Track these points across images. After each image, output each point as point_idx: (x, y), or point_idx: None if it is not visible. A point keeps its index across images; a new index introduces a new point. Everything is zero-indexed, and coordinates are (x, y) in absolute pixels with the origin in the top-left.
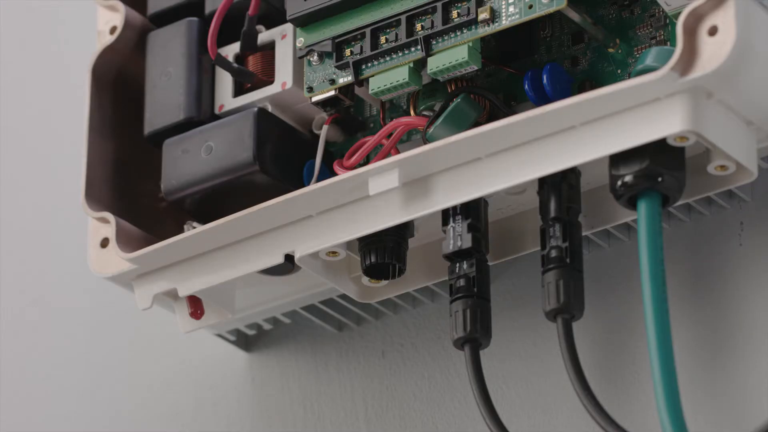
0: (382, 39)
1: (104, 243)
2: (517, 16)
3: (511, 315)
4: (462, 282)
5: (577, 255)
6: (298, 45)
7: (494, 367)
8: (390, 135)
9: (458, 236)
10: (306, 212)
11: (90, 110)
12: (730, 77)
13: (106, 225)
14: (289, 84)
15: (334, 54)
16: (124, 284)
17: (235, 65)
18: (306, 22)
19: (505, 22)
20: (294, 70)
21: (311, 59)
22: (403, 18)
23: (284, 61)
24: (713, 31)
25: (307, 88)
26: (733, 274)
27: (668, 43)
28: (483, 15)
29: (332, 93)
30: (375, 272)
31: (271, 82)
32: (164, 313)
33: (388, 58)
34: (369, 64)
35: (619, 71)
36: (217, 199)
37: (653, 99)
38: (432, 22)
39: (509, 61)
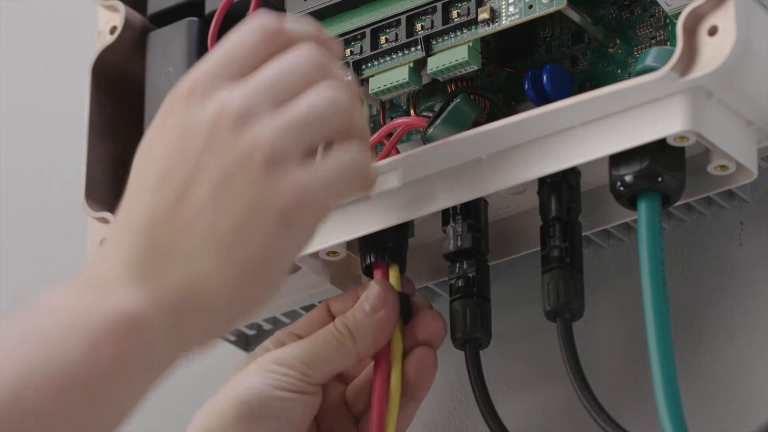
0: (382, 39)
1: (104, 243)
2: (517, 16)
3: (511, 315)
4: (462, 282)
5: (577, 255)
6: None
7: (494, 367)
8: (390, 135)
9: (458, 236)
10: None
11: (90, 110)
12: (730, 77)
13: (106, 225)
14: None
15: None
16: None
17: None
18: None
19: (505, 22)
20: None
21: None
22: (403, 18)
23: None
24: (713, 31)
25: None
26: (733, 274)
27: (668, 43)
28: (483, 15)
29: None
30: None
31: None
32: None
33: (388, 58)
34: (369, 64)
35: (619, 71)
36: None
37: (653, 99)
38: (432, 22)
39: (509, 61)
